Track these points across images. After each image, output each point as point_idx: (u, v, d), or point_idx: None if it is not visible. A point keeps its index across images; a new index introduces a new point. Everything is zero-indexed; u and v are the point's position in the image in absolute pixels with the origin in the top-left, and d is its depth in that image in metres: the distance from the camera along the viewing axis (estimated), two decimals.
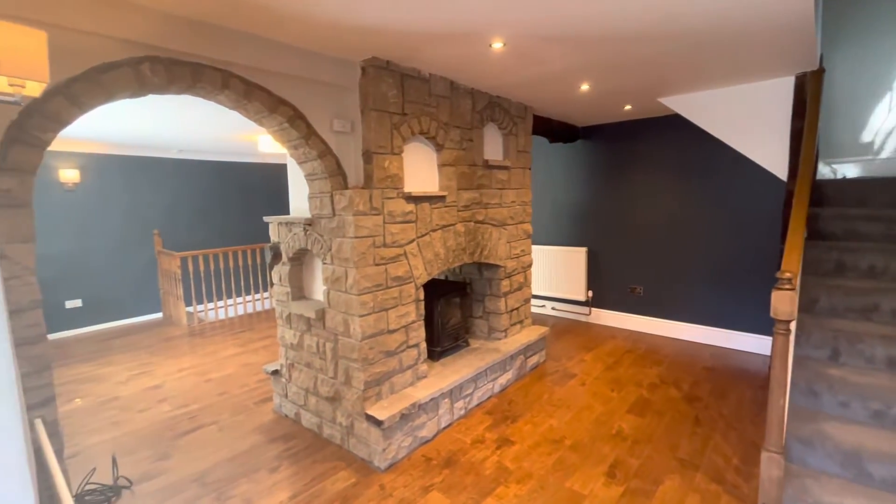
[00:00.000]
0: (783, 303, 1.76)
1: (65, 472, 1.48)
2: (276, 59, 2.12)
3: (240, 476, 2.40)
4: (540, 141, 4.97)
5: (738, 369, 3.63)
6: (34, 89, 1.17)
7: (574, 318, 5.11)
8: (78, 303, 5.31)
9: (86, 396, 3.50)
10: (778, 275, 1.78)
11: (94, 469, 2.45)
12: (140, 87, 1.74)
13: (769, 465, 1.87)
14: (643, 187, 4.51)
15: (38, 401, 1.49)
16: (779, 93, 3.04)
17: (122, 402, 3.39)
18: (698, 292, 4.25)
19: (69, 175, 5.16)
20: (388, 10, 1.82)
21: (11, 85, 1.08)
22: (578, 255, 4.91)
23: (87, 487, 2.28)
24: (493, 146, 3.39)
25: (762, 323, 3.91)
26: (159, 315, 6.00)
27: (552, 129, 4.40)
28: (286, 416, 3.07)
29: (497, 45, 2.23)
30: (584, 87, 3.12)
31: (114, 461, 2.50)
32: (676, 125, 4.12)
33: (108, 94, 1.67)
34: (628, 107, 3.89)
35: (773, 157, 3.14)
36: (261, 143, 4.84)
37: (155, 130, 4.48)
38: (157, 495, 2.26)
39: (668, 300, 4.45)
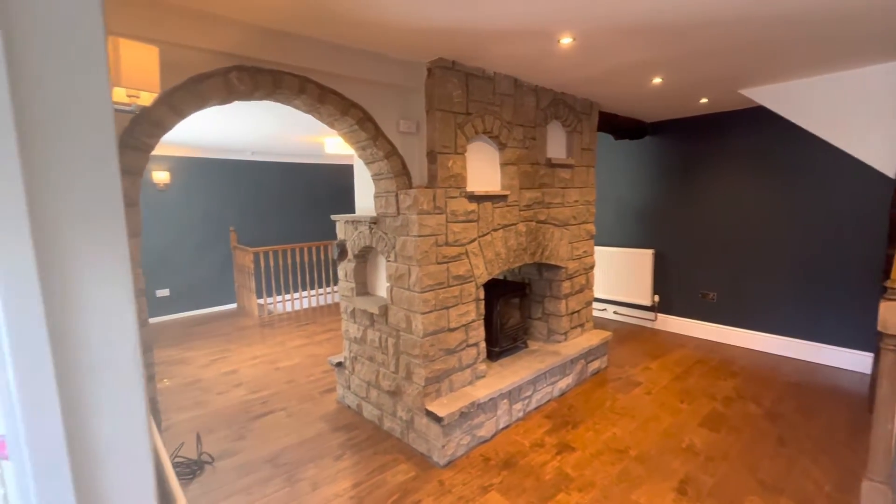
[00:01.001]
0: (894, 314, 1.56)
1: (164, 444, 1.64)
2: (347, 63, 2.21)
3: (307, 461, 2.53)
4: (604, 138, 4.78)
5: (829, 387, 3.28)
6: (146, 99, 1.31)
7: (638, 324, 4.87)
8: (166, 292, 5.86)
9: (173, 378, 3.86)
10: (888, 283, 1.59)
11: (183, 444, 2.69)
12: (229, 94, 1.89)
13: (872, 496, 1.68)
14: (719, 186, 4.20)
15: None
16: (888, 80, 2.70)
17: (204, 384, 3.69)
18: (782, 301, 3.89)
19: (161, 177, 5.71)
20: (458, 10, 1.83)
21: (129, 96, 1.21)
22: (644, 257, 4.68)
23: (176, 460, 2.51)
24: (556, 144, 3.32)
25: (859, 336, 3.51)
26: (234, 306, 6.47)
27: (618, 126, 4.22)
28: (348, 406, 3.19)
29: (566, 41, 2.17)
30: (657, 80, 2.96)
31: (198, 438, 2.73)
32: (759, 118, 3.80)
33: (203, 102, 1.82)
34: (704, 100, 3.64)
35: (878, 152, 2.80)
36: (327, 144, 5.07)
37: (232, 134, 4.84)
38: (235, 472, 2.44)
39: (746, 308, 4.11)
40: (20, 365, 0.61)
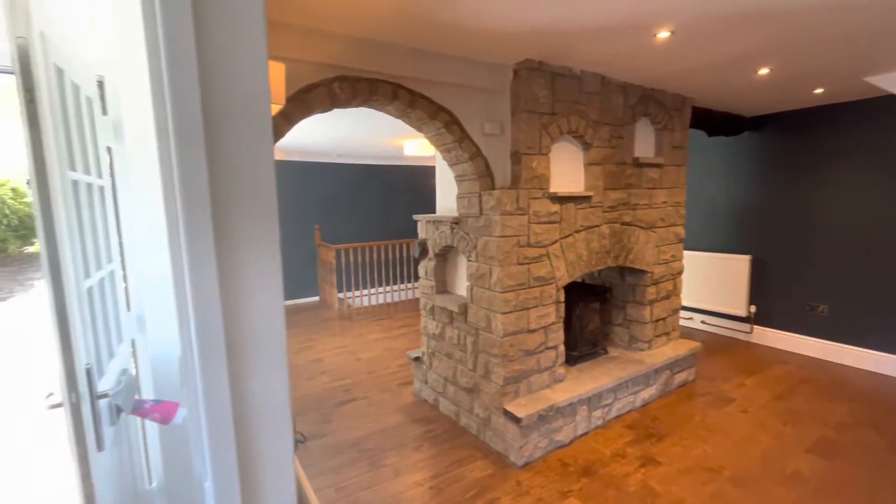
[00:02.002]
0: None
1: None
2: (436, 69, 2.29)
3: (388, 449, 2.66)
4: (695, 135, 4.46)
5: None
6: (273, 110, 1.47)
7: (730, 336, 4.49)
8: None
9: None
10: None
11: None
12: (331, 102, 2.04)
13: None
14: (836, 184, 3.74)
15: None
16: None
17: (295, 370, 4.01)
18: None
19: None
20: (551, 10, 1.82)
21: None
22: (740, 263, 4.30)
23: None
24: (644, 143, 3.16)
25: None
26: (316, 298, 6.93)
27: (713, 121, 3.92)
28: (425, 400, 3.30)
29: (663, 35, 2.07)
30: (764, 70, 2.71)
31: (293, 419, 2.98)
32: (888, 109, 3.33)
33: (309, 111, 1.99)
34: (819, 90, 3.26)
35: None
36: (406, 146, 5.26)
37: (319, 139, 5.19)
38: (325, 453, 2.63)
39: (865, 323, 3.63)
40: (202, 341, 0.73)
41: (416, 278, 7.04)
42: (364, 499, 2.22)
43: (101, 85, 1.69)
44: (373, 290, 6.87)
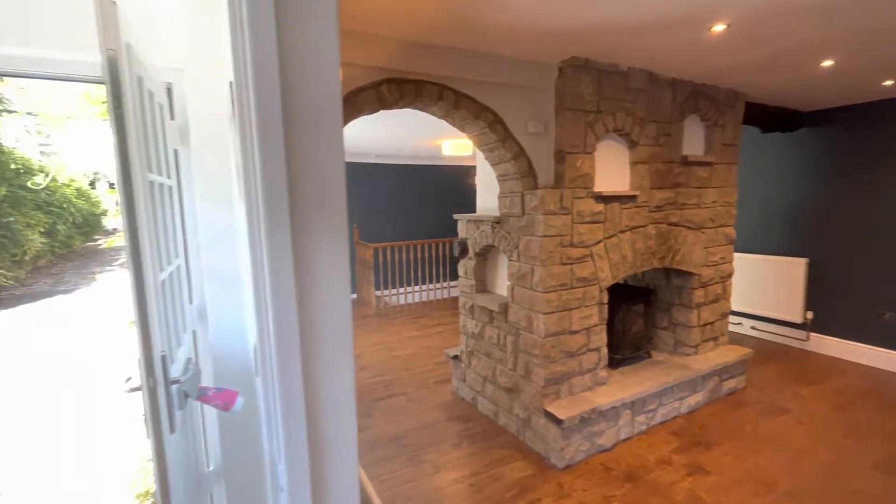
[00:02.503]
0: None
1: None
2: (481, 68, 2.30)
3: (428, 444, 2.70)
4: (748, 131, 4.26)
5: None
6: None
7: (782, 343, 4.26)
8: None
9: None
10: None
11: None
12: (379, 104, 2.09)
13: None
14: None
15: None
16: None
17: None
18: None
19: None
20: (598, 8, 1.79)
21: None
22: (795, 266, 4.07)
23: None
24: (693, 140, 3.05)
25: None
26: (354, 296, 7.09)
27: (767, 117, 3.73)
28: (463, 398, 3.31)
29: (718, 28, 2.00)
30: (827, 62, 2.56)
31: None
32: None
33: (358, 112, 2.05)
34: (889, 82, 3.04)
35: None
36: (444, 147, 5.30)
37: (360, 139, 5.31)
38: (367, 445, 2.70)
39: None
40: (279, 330, 0.77)
41: (452, 277, 7.08)
42: (406, 492, 2.26)
43: (169, 91, 1.81)
44: (409, 289, 6.96)
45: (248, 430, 1.80)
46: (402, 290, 6.97)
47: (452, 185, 7.75)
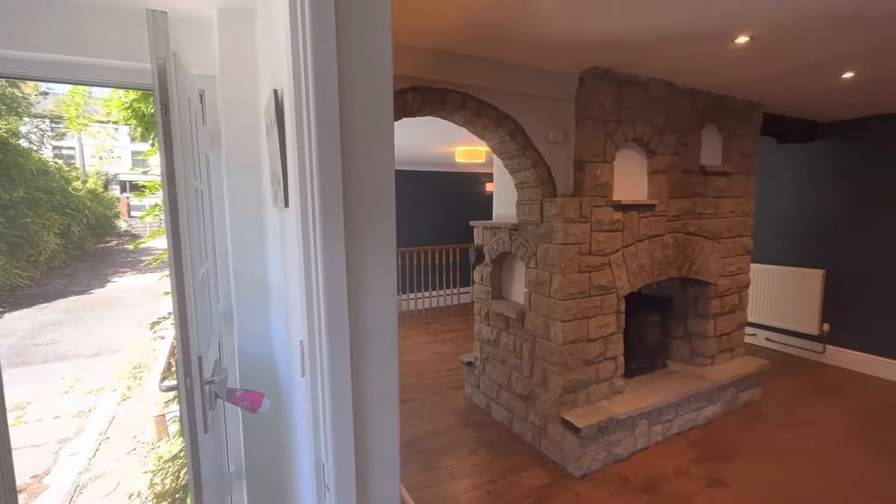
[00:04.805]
0: None
1: None
2: (503, 78, 2.33)
3: (443, 451, 2.70)
4: (765, 142, 4.25)
5: None
6: None
7: (798, 355, 4.21)
8: None
9: None
10: None
11: None
12: (404, 112, 2.13)
13: None
14: None
15: None
16: None
17: None
18: None
19: None
20: (623, 22, 1.82)
21: None
22: (811, 277, 4.04)
23: None
24: (711, 150, 3.06)
25: None
26: None
27: (784, 128, 3.73)
28: (477, 405, 3.31)
29: (741, 40, 2.01)
30: (847, 74, 2.56)
31: None
32: None
33: None
34: None
35: None
36: (457, 154, 5.34)
37: None
38: None
39: None
40: (332, 336, 0.79)
41: (463, 283, 7.09)
42: (423, 498, 2.26)
43: (201, 98, 1.86)
44: (420, 294, 6.97)
45: (272, 432, 1.82)
46: (412, 295, 6.99)
47: (464, 193, 7.77)
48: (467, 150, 5.13)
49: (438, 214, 7.64)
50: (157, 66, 1.11)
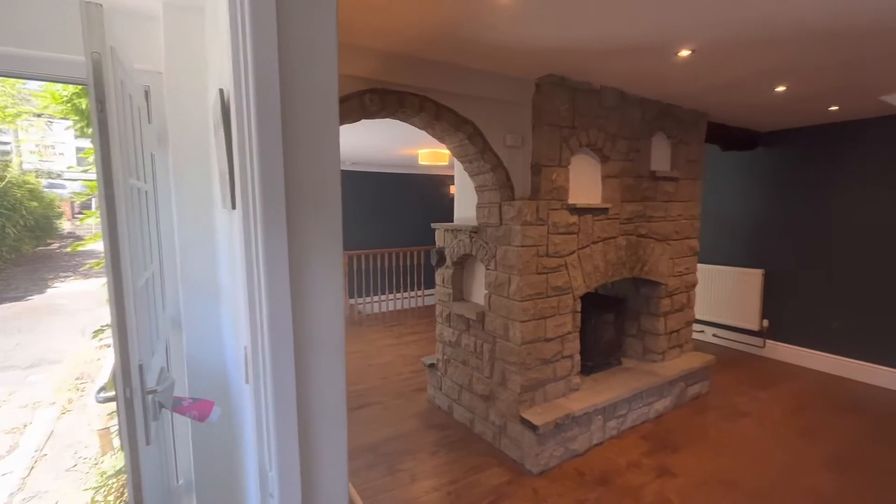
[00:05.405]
0: None
1: None
2: (461, 82, 2.35)
3: (405, 453, 2.69)
4: (709, 149, 4.50)
5: None
6: None
7: (741, 349, 4.48)
8: None
9: None
10: None
11: None
12: (362, 114, 2.11)
13: None
14: (851, 200, 3.76)
15: None
16: None
17: None
18: None
19: None
20: (571, 31, 1.89)
21: None
22: (752, 277, 4.31)
23: None
24: (660, 156, 3.21)
25: None
26: None
27: (727, 136, 3.97)
28: (439, 406, 3.32)
29: (684, 53, 2.13)
30: (780, 88, 2.76)
31: None
32: None
33: (342, 121, 2.06)
34: (834, 107, 3.31)
35: None
36: (420, 156, 5.34)
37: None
38: None
39: (880, 341, 3.62)
40: (274, 336, 0.78)
41: (427, 285, 7.09)
42: (383, 501, 2.24)
43: (147, 95, 1.77)
44: (383, 297, 6.92)
45: (223, 441, 1.76)
46: (375, 298, 6.92)
47: (428, 194, 7.79)
48: (431, 152, 5.14)
49: (403, 216, 7.62)
50: (91, 60, 1.06)
